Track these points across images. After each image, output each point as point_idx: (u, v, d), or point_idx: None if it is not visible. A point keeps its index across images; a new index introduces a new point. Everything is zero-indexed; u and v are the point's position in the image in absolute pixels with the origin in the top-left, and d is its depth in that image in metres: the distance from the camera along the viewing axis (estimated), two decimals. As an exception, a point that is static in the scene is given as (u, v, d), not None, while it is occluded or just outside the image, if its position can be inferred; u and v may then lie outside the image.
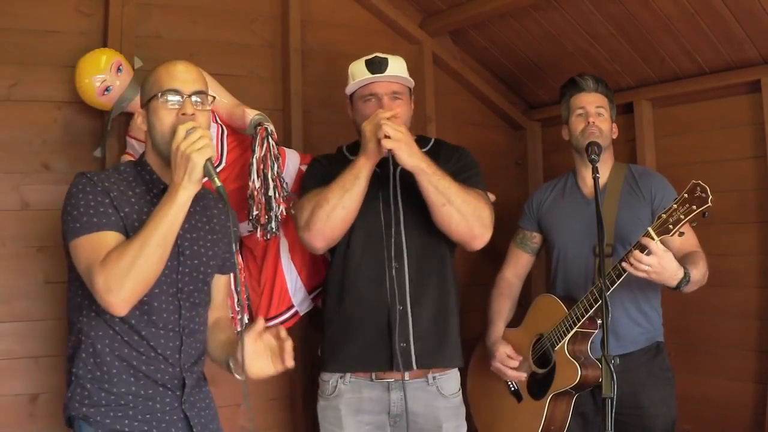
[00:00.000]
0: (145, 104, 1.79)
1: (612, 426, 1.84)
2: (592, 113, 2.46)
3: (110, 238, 1.66)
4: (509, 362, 2.50)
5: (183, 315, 1.79)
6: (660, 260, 2.08)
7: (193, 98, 1.74)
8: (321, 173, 2.27)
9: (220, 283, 1.98)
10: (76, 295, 1.75)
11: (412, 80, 2.34)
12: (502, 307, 2.63)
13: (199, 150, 1.63)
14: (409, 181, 2.26)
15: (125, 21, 2.61)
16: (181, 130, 1.66)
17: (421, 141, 2.39)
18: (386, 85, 2.26)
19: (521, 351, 2.51)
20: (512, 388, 2.55)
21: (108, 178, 1.76)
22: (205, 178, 1.68)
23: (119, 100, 2.40)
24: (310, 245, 2.22)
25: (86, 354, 1.73)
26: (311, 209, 2.16)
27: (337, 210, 2.13)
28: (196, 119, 1.71)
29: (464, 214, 2.14)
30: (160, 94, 1.73)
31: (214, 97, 1.84)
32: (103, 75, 2.36)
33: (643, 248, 2.09)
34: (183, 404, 1.79)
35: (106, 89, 2.37)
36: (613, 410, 1.84)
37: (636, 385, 2.33)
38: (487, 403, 2.64)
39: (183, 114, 1.72)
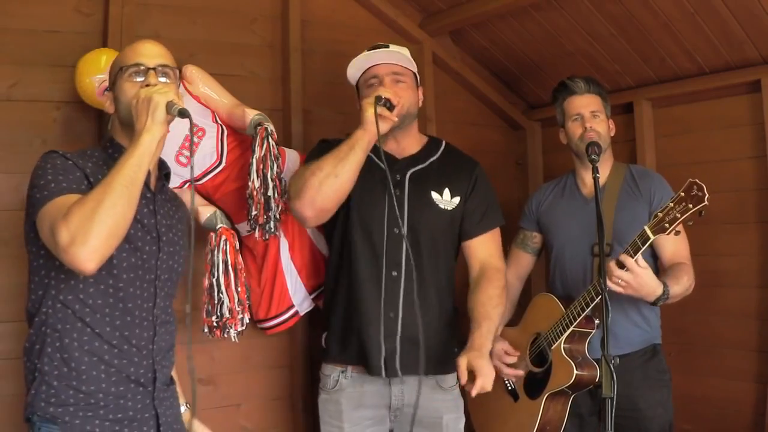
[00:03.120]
0: (111, 86, 1.76)
1: (612, 426, 1.84)
2: (588, 117, 2.46)
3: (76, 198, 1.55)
4: (506, 358, 2.50)
5: (157, 304, 1.75)
6: (636, 277, 2.09)
7: (161, 71, 1.72)
8: (326, 151, 2.24)
9: None
10: (39, 287, 1.67)
11: (413, 61, 2.31)
12: None
13: (161, 93, 1.61)
14: (418, 187, 2.26)
15: (125, 21, 2.60)
16: (143, 90, 1.64)
17: (432, 144, 2.41)
18: (387, 67, 2.26)
19: (519, 350, 2.51)
20: (509, 387, 2.54)
21: (80, 157, 1.69)
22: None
23: (119, 99, 2.40)
24: (300, 215, 2.18)
25: (52, 348, 1.63)
26: (304, 177, 2.14)
27: (329, 179, 2.10)
28: None
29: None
30: (123, 68, 1.71)
31: (180, 69, 1.82)
32: (103, 75, 2.35)
33: (621, 264, 2.09)
34: (154, 400, 1.74)
35: (106, 89, 2.37)
36: (613, 410, 1.84)
37: (632, 387, 2.32)
38: (484, 402, 2.63)
39: (147, 85, 1.68)
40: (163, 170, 1.85)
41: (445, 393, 2.28)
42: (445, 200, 2.28)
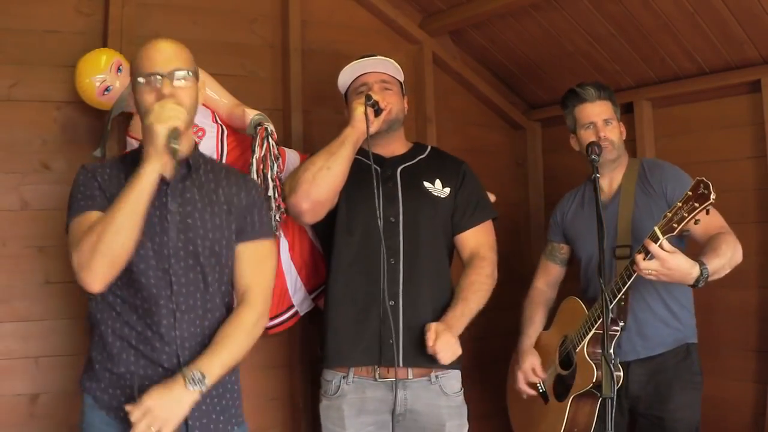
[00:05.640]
0: (133, 88, 1.81)
1: (612, 426, 1.83)
2: (601, 126, 2.43)
3: (93, 217, 1.71)
4: (531, 376, 2.51)
5: (175, 291, 1.77)
6: (663, 263, 2.03)
7: (176, 76, 1.75)
8: None
9: (240, 252, 1.89)
10: None
11: (401, 71, 2.41)
12: (533, 314, 2.62)
13: (164, 121, 1.67)
14: (410, 179, 2.31)
15: (125, 21, 2.61)
16: (156, 107, 1.70)
17: (417, 149, 2.47)
18: (376, 75, 2.36)
19: (549, 352, 2.52)
20: (540, 390, 2.55)
21: (104, 167, 1.83)
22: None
23: (119, 99, 2.40)
24: (296, 209, 2.23)
25: (97, 337, 1.81)
26: (297, 174, 2.23)
27: (322, 171, 2.19)
28: (177, 97, 1.73)
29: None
30: (139, 78, 1.76)
31: (197, 70, 1.85)
32: (103, 75, 2.36)
33: (646, 251, 2.05)
34: None
35: (106, 89, 2.37)
36: (614, 410, 1.84)
37: (662, 387, 2.31)
38: (522, 404, 2.65)
39: (162, 95, 1.73)
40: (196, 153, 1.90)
41: (449, 399, 2.27)
42: (438, 189, 2.34)
